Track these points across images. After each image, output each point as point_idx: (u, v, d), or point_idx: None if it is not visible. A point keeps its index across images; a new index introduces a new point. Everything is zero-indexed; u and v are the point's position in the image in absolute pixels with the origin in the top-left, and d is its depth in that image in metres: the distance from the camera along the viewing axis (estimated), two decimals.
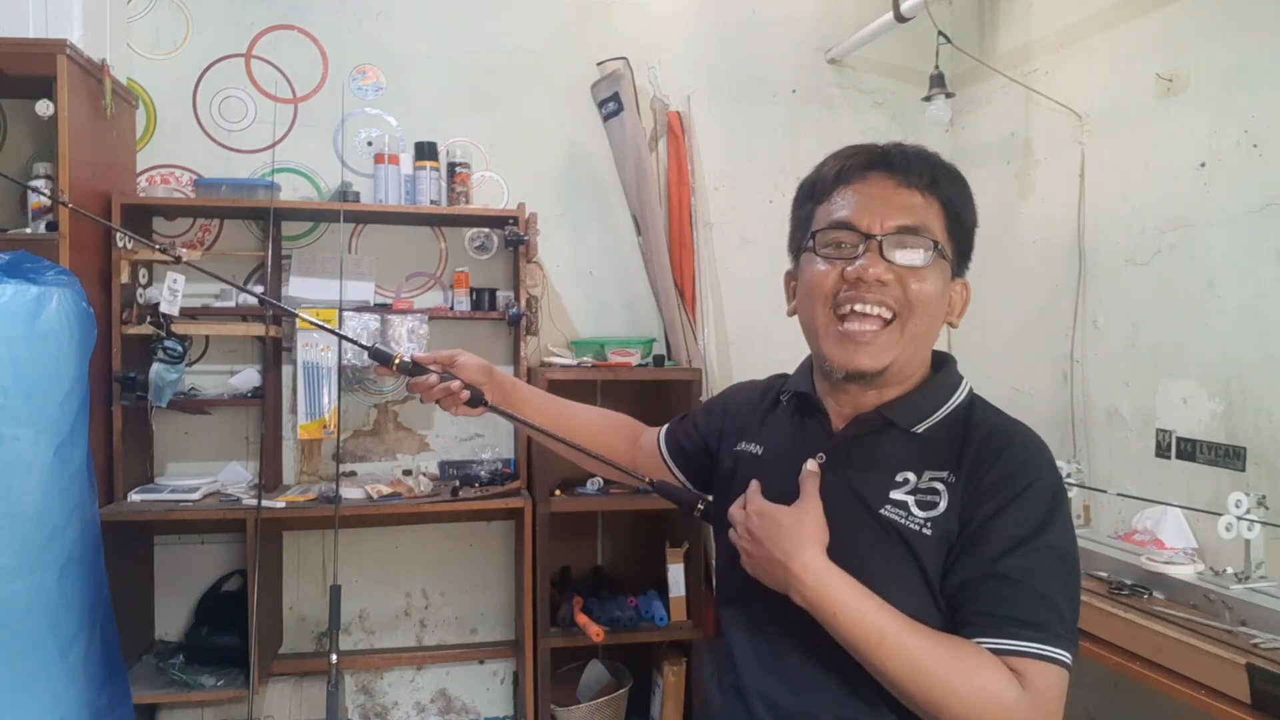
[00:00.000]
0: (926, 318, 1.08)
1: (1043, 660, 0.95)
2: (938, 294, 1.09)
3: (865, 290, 1.06)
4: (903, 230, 1.07)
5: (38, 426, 2.02)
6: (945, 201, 1.11)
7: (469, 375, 1.34)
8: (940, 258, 1.08)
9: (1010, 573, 0.98)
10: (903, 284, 1.06)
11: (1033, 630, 0.96)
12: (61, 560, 2.07)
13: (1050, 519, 1.01)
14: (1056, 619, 0.97)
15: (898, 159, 1.11)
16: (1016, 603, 0.97)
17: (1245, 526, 1.88)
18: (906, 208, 1.08)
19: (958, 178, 1.14)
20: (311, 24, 3.03)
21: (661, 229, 3.15)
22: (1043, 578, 0.98)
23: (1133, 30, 2.53)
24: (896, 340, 1.07)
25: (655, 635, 2.93)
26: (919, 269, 1.07)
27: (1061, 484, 1.06)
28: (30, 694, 2.00)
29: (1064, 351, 2.76)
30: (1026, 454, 1.05)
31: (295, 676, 2.97)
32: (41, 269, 2.11)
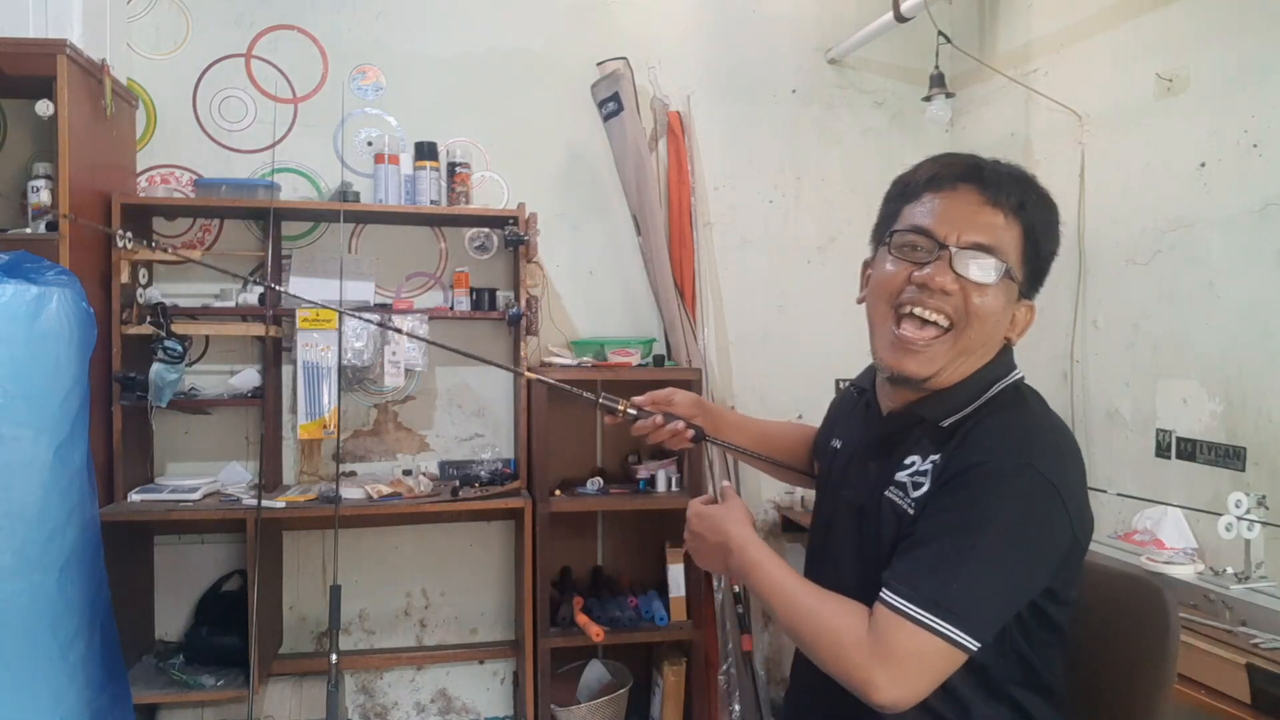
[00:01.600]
0: (983, 332, 1.13)
1: (899, 614, 1.01)
2: (998, 311, 1.13)
3: (928, 296, 1.12)
4: (977, 247, 1.11)
5: (38, 427, 2.02)
6: (1027, 226, 1.14)
7: (685, 411, 1.48)
8: (1008, 279, 1.12)
9: (917, 538, 1.06)
10: (965, 296, 1.11)
11: (905, 588, 1.02)
12: (61, 560, 2.07)
13: (981, 499, 1.04)
14: (937, 588, 1.01)
15: (990, 176, 1.15)
16: (905, 563, 1.05)
17: (1245, 526, 1.88)
18: (987, 226, 1.12)
19: (1048, 204, 1.18)
20: (311, 24, 3.03)
21: (661, 229, 3.15)
22: (941, 548, 1.03)
23: (1133, 30, 2.53)
24: (948, 350, 1.13)
25: (655, 635, 2.93)
26: (983, 285, 1.11)
27: (1021, 473, 1.04)
28: (30, 694, 2.00)
29: (1064, 351, 2.76)
30: (993, 439, 1.08)
31: (295, 676, 2.97)
32: (41, 269, 2.11)
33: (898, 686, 1.00)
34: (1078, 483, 1.10)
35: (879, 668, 1.00)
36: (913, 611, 1.00)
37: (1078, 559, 1.13)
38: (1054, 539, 1.06)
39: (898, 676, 1.00)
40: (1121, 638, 1.25)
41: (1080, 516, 1.09)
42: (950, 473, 1.08)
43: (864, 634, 1.03)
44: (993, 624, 1.04)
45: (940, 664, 1.01)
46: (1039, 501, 1.04)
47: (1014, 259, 1.13)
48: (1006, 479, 1.05)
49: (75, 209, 2.43)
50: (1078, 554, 1.12)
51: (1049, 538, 1.06)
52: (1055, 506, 1.05)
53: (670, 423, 1.44)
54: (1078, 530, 1.09)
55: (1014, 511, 1.04)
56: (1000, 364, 1.18)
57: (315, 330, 2.79)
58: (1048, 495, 1.05)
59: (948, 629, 1.00)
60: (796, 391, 3.32)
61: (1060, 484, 1.06)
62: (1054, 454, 1.08)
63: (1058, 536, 1.07)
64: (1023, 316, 1.19)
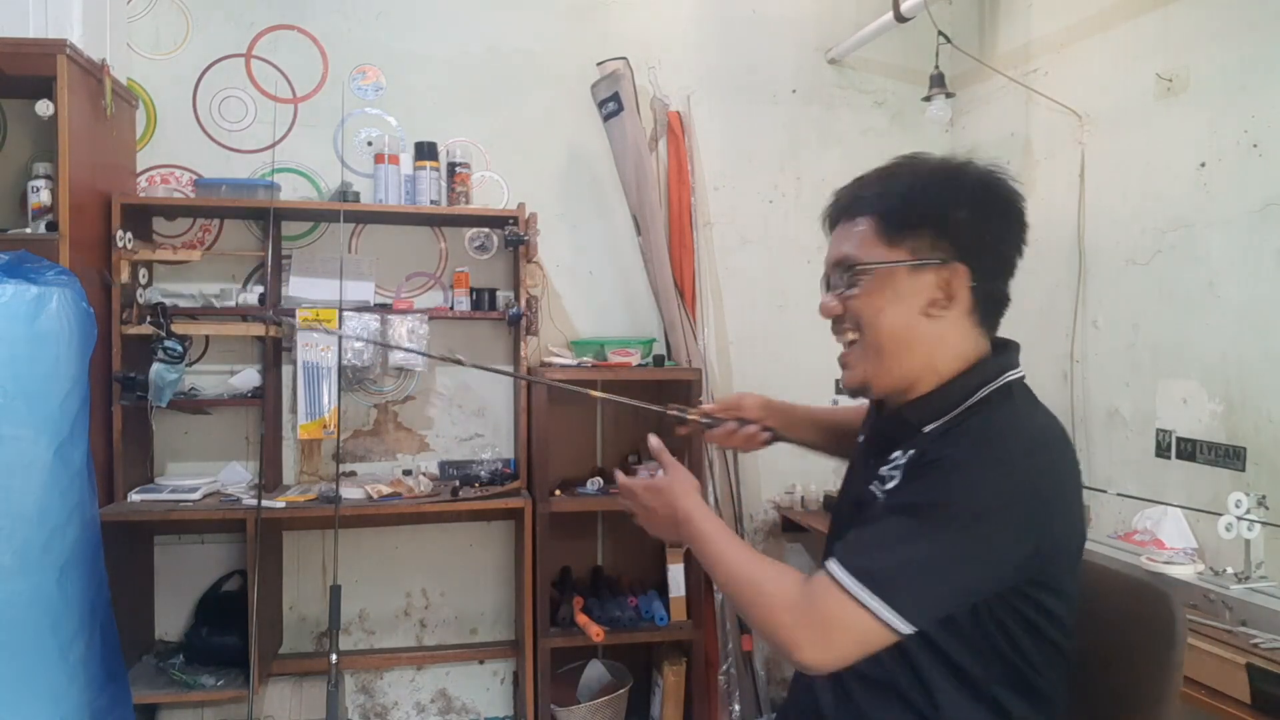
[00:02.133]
0: (880, 332, 1.16)
1: (832, 581, 1.04)
2: (879, 304, 1.16)
3: (832, 323, 1.23)
4: (837, 264, 1.20)
5: (38, 426, 2.02)
6: (873, 214, 1.17)
7: (755, 415, 1.54)
8: (867, 273, 1.16)
9: (870, 515, 1.11)
10: (846, 308, 1.19)
11: (844, 558, 1.05)
12: (61, 560, 2.07)
13: (938, 486, 1.05)
14: (872, 562, 1.04)
15: (842, 203, 1.23)
16: (852, 536, 1.09)
17: (1245, 526, 1.88)
18: (842, 241, 1.21)
19: (886, 176, 1.20)
20: (311, 24, 3.03)
21: (661, 229, 3.15)
22: (886, 528, 1.06)
23: (1133, 30, 2.53)
24: (863, 357, 1.18)
25: (655, 635, 2.93)
26: (854, 293, 1.17)
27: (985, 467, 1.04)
28: (30, 694, 2.00)
29: (1064, 351, 2.76)
30: (968, 436, 1.10)
31: (295, 676, 2.97)
32: (41, 269, 2.11)
33: (819, 650, 1.04)
34: (1056, 484, 1.08)
35: (804, 629, 1.04)
36: (845, 580, 1.03)
37: (1062, 562, 1.10)
38: (1012, 538, 1.04)
39: (820, 640, 1.04)
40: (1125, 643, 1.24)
41: (1054, 519, 1.06)
42: (920, 464, 1.11)
43: (797, 597, 1.06)
44: (927, 609, 1.03)
45: (864, 636, 1.03)
46: (997, 498, 1.03)
47: (875, 250, 1.16)
48: (968, 471, 1.05)
49: (75, 209, 2.43)
50: (1061, 557, 1.09)
51: (1004, 536, 1.03)
52: (1015, 505, 1.03)
53: (744, 427, 1.51)
54: (1052, 533, 1.06)
55: (968, 503, 1.03)
56: (988, 366, 1.16)
57: (315, 330, 2.79)
58: (1008, 493, 1.03)
59: (876, 603, 1.01)
60: (797, 391, 3.30)
61: (1027, 483, 1.04)
62: (1024, 453, 1.07)
63: (1019, 536, 1.04)
64: (955, 280, 1.14)
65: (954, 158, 1.19)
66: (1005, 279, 1.19)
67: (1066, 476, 1.10)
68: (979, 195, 1.15)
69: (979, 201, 1.15)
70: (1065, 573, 1.11)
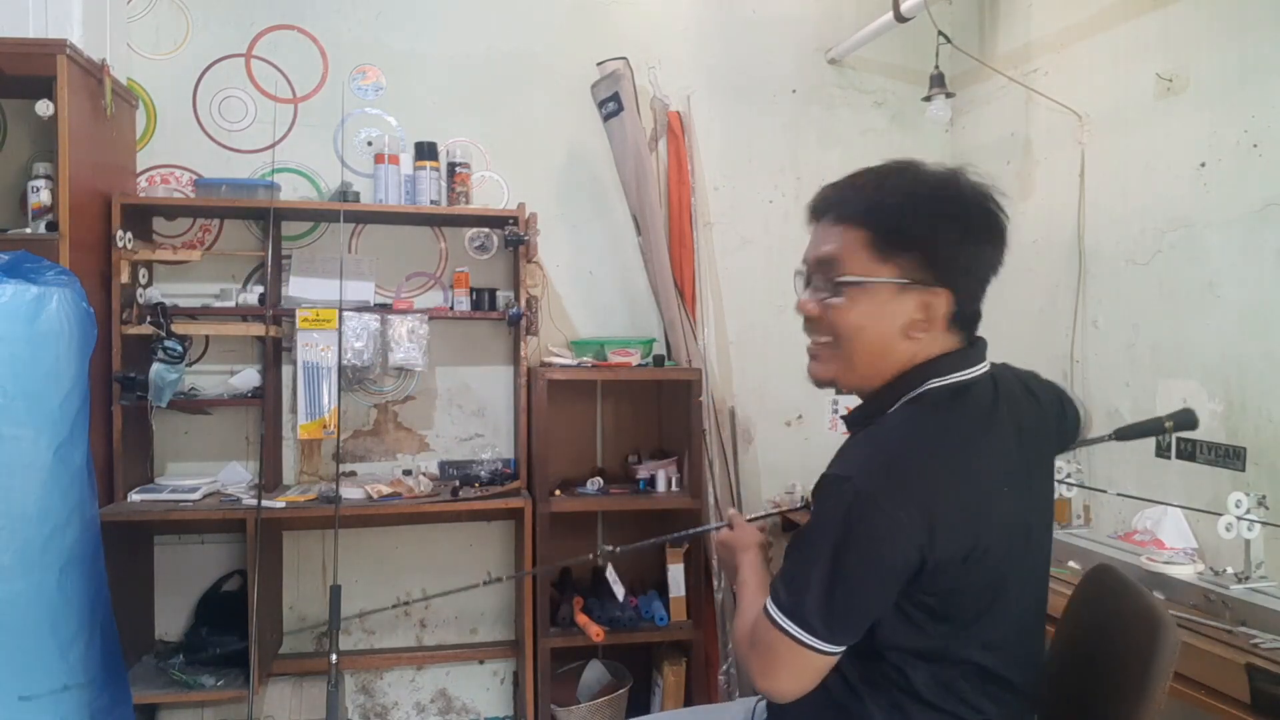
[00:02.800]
0: (857, 342, 1.17)
1: (764, 614, 1.13)
2: (860, 319, 1.16)
3: (805, 322, 1.24)
4: (819, 264, 1.20)
5: (38, 426, 2.02)
6: (871, 225, 1.15)
7: None
8: (854, 285, 1.15)
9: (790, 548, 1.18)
10: (826, 315, 1.19)
11: (772, 591, 1.14)
12: (61, 560, 2.07)
13: (817, 511, 1.13)
14: (786, 593, 1.11)
15: (831, 198, 1.22)
16: (783, 567, 1.17)
17: (1245, 526, 1.88)
18: (823, 240, 1.21)
19: (893, 194, 1.16)
20: (311, 24, 3.03)
21: (661, 229, 3.15)
22: (792, 557, 1.15)
23: (1133, 30, 2.53)
24: (834, 357, 1.21)
25: (655, 635, 2.93)
26: (837, 300, 1.17)
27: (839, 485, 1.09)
28: (30, 694, 2.00)
29: (1064, 351, 2.76)
30: (844, 452, 1.18)
31: (295, 676, 2.96)
32: (41, 269, 2.11)
33: (767, 679, 1.13)
34: (922, 493, 1.06)
35: (753, 659, 1.15)
36: (773, 613, 1.11)
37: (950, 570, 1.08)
38: (885, 551, 1.05)
39: (764, 669, 1.13)
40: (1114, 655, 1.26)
41: (926, 527, 1.05)
42: (820, 482, 1.15)
43: (749, 631, 1.17)
44: (839, 627, 1.09)
45: (795, 661, 1.10)
46: (855, 513, 1.05)
47: (863, 263, 1.15)
48: (830, 491, 1.10)
49: (75, 209, 2.43)
50: (948, 565, 1.07)
51: (878, 550, 1.05)
52: (876, 519, 1.04)
53: None
54: (923, 541, 1.05)
55: (832, 525, 1.08)
56: (919, 374, 1.17)
57: (315, 330, 2.80)
58: (865, 509, 1.05)
59: (794, 629, 1.09)
60: (796, 391, 3.32)
61: (879, 495, 1.05)
62: (883, 465, 1.09)
63: (893, 549, 1.05)
64: (936, 305, 1.15)
65: (947, 173, 1.18)
66: (981, 298, 1.22)
67: (933, 485, 1.08)
68: (969, 218, 1.16)
69: (969, 225, 1.16)
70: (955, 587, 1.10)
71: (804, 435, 3.36)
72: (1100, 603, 1.38)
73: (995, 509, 1.11)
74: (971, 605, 1.12)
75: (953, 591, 1.10)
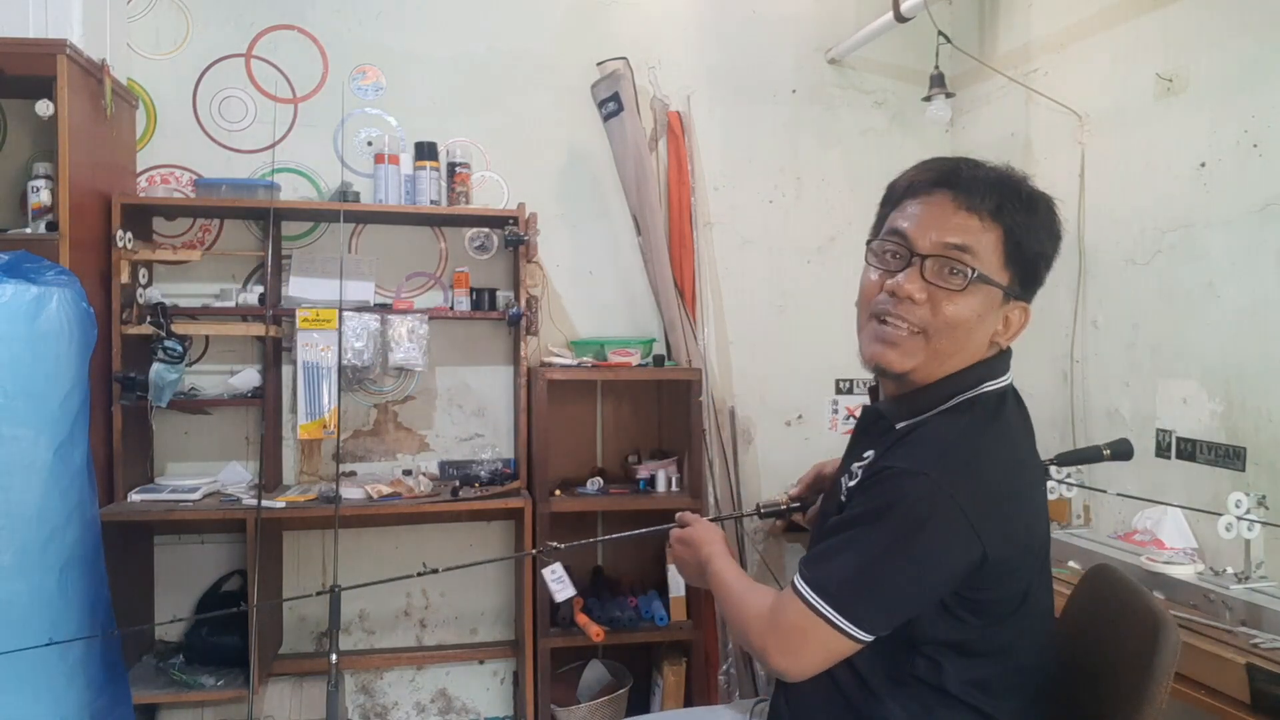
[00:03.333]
0: (954, 340, 1.15)
1: (795, 593, 1.11)
2: (970, 318, 1.14)
3: (898, 304, 1.15)
4: (949, 249, 1.13)
5: (38, 426, 2.02)
6: (1007, 228, 1.14)
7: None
8: (984, 283, 1.13)
9: (829, 527, 1.17)
10: (934, 304, 1.14)
11: (805, 571, 1.13)
12: (61, 560, 2.07)
13: (878, 498, 1.10)
14: (827, 574, 1.10)
15: (966, 180, 1.15)
16: (814, 548, 1.17)
17: (1245, 526, 1.88)
18: (959, 229, 1.14)
19: (1032, 205, 1.17)
20: (311, 24, 3.03)
21: (661, 229, 3.15)
22: (838, 539, 1.12)
23: (1133, 30, 2.53)
24: (922, 349, 1.16)
25: (655, 635, 2.93)
26: (953, 292, 1.13)
27: (915, 479, 1.07)
28: (30, 694, 2.00)
29: (1064, 351, 2.76)
30: (913, 446, 1.14)
31: (295, 676, 2.96)
32: (41, 269, 2.11)
33: (785, 656, 1.13)
34: (992, 495, 1.09)
35: (772, 638, 1.14)
36: (805, 592, 1.10)
37: (1000, 571, 1.10)
38: (947, 547, 1.07)
39: (785, 647, 1.12)
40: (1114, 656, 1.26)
41: (992, 529, 1.07)
42: (873, 471, 1.15)
43: (767, 610, 1.16)
44: (880, 617, 1.09)
45: (825, 644, 1.10)
46: (927, 508, 1.06)
47: (992, 263, 1.14)
48: (901, 483, 1.08)
49: (75, 209, 2.43)
50: (1000, 566, 1.09)
51: (939, 544, 1.06)
52: (947, 515, 1.06)
53: None
54: (988, 543, 1.07)
55: (900, 514, 1.07)
56: (973, 373, 1.18)
57: (315, 330, 2.79)
58: (938, 503, 1.06)
59: (830, 613, 1.08)
60: (796, 391, 3.32)
61: (958, 494, 1.06)
62: (961, 464, 1.09)
63: (953, 545, 1.07)
64: (1016, 319, 1.20)
65: (1049, 197, 1.21)
66: None
67: (1001, 490, 1.11)
68: (1059, 247, 1.21)
69: (1056, 251, 1.21)
70: (1008, 583, 1.12)
71: (804, 435, 3.36)
72: (1100, 603, 1.38)
73: (1042, 507, 1.18)
74: (1009, 601, 1.14)
75: (998, 588, 1.12)
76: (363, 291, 2.96)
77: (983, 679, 1.14)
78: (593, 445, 3.22)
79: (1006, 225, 1.14)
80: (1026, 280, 1.18)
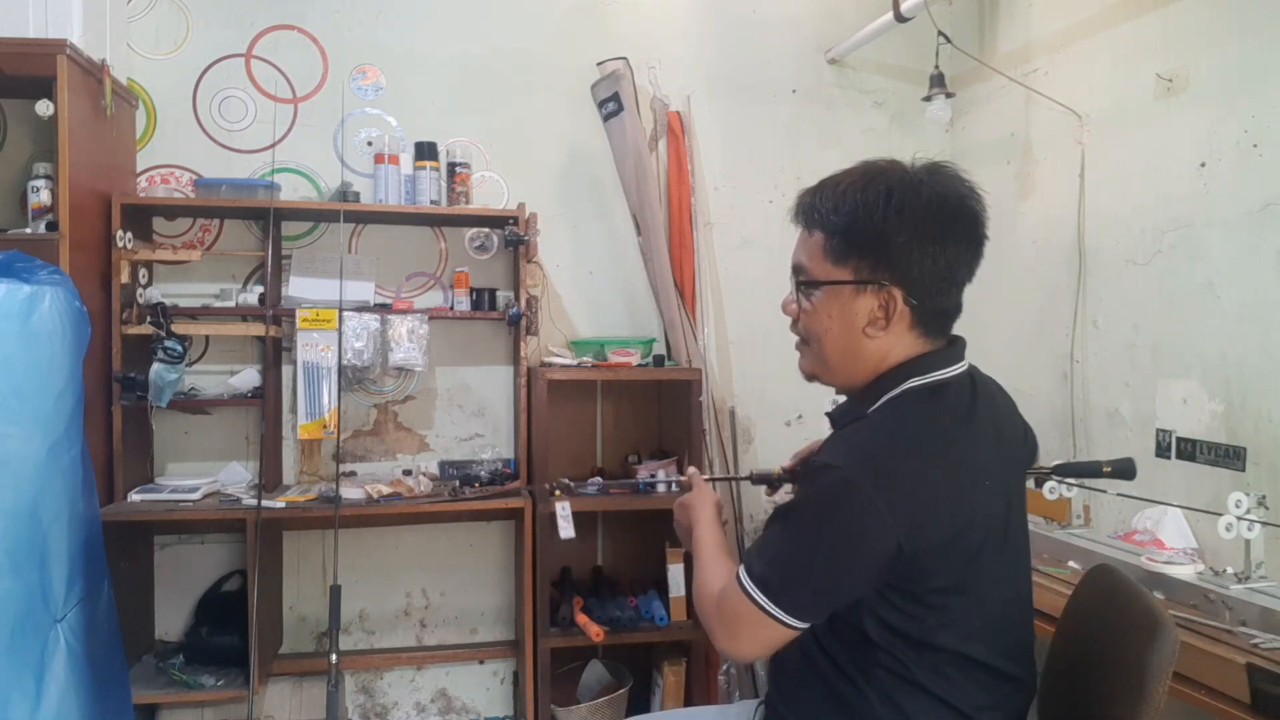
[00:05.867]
0: (826, 342, 1.26)
1: (736, 582, 1.18)
2: (824, 320, 1.25)
3: (791, 323, 1.33)
4: (793, 268, 1.30)
5: (31, 425, 2.01)
6: (825, 231, 1.23)
7: None
8: (812, 288, 1.25)
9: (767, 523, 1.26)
10: (803, 317, 1.29)
11: (746, 561, 1.20)
12: (56, 559, 2.06)
13: (802, 493, 1.24)
14: (762, 566, 1.17)
15: (802, 206, 1.29)
16: (756, 542, 1.25)
17: (1245, 526, 1.88)
18: (797, 249, 1.30)
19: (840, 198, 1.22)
20: (311, 24, 3.03)
21: (661, 229, 3.15)
22: (771, 532, 1.21)
23: (1133, 30, 2.53)
24: (812, 355, 1.30)
25: (655, 635, 2.93)
26: (806, 307, 1.27)
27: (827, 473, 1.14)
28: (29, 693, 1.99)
29: (1064, 351, 2.76)
30: (833, 443, 1.26)
31: (295, 676, 2.96)
32: (34, 268, 2.11)
33: (730, 642, 1.21)
34: (901, 488, 1.11)
35: (717, 621, 1.22)
36: (745, 581, 1.17)
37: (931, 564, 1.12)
38: (859, 535, 1.10)
39: (729, 634, 1.20)
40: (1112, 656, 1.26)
41: (904, 519, 1.09)
42: (808, 469, 1.25)
43: (717, 593, 1.23)
44: (809, 605, 1.15)
45: (762, 631, 1.16)
46: (838, 500, 1.11)
47: (821, 266, 1.24)
48: (819, 476, 1.15)
49: (75, 209, 2.43)
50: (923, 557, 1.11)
51: (850, 532, 1.11)
52: (854, 504, 1.09)
53: None
54: (901, 533, 1.09)
55: (814, 505, 1.16)
56: (900, 372, 1.22)
57: (315, 330, 2.80)
58: (848, 495, 1.10)
59: (765, 602, 1.14)
60: (796, 391, 3.31)
61: (866, 485, 1.09)
62: (868, 458, 1.13)
63: (865, 533, 1.10)
64: (886, 300, 1.21)
65: (912, 174, 1.22)
66: (952, 293, 1.24)
67: (914, 482, 1.12)
68: (924, 219, 1.18)
69: (923, 226, 1.18)
70: (935, 574, 1.14)
71: (804, 435, 3.35)
72: (1100, 603, 1.38)
73: (974, 500, 1.16)
74: (951, 593, 1.15)
75: (932, 579, 1.14)
76: (363, 291, 2.96)
77: (941, 669, 1.17)
78: (593, 445, 3.22)
79: (823, 227, 1.23)
80: (880, 259, 1.20)
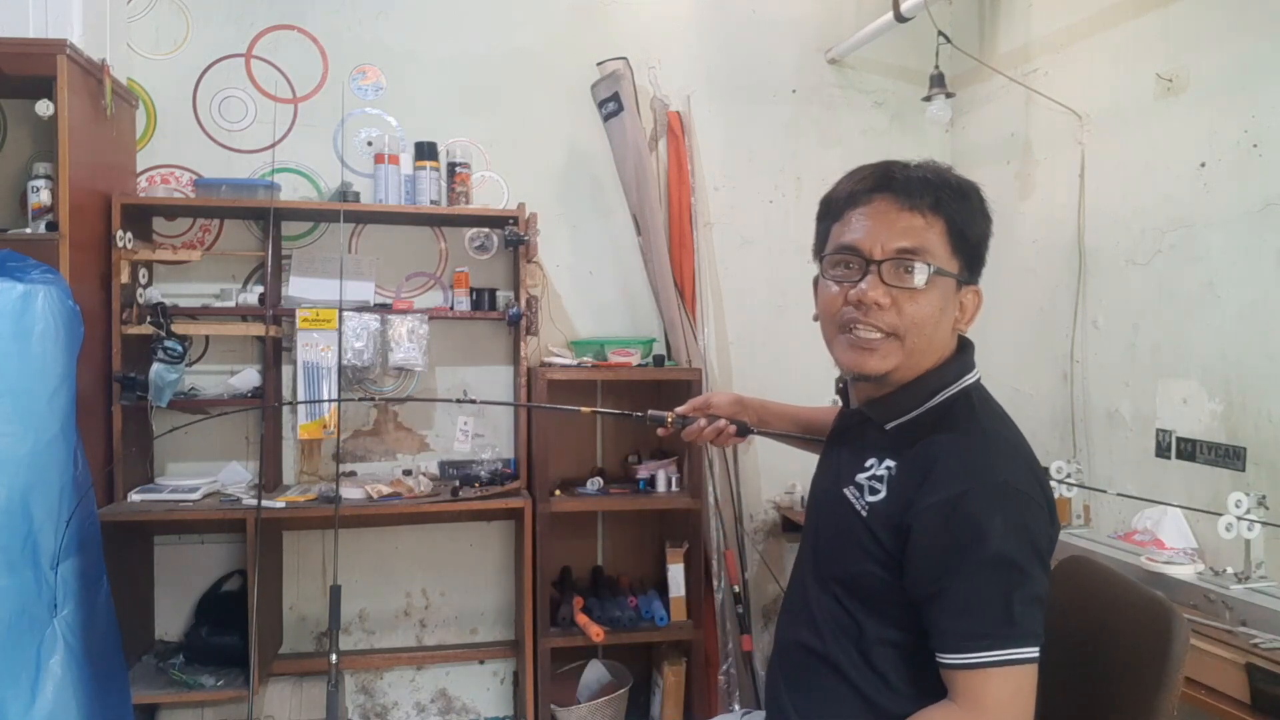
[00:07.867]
0: (924, 335, 1.17)
1: (982, 669, 1.04)
2: (934, 312, 1.17)
3: (865, 313, 1.17)
4: (901, 253, 1.16)
5: (24, 423, 2.01)
6: (948, 219, 1.18)
7: (726, 411, 1.55)
8: (940, 276, 1.16)
9: (946, 590, 1.07)
10: (898, 306, 1.16)
11: (970, 641, 1.05)
12: (51, 558, 2.06)
13: (982, 527, 1.06)
14: (994, 623, 1.04)
15: (900, 182, 1.18)
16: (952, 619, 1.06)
17: (1245, 526, 1.88)
18: (907, 230, 1.16)
19: (964, 192, 1.20)
20: (311, 24, 3.03)
21: (661, 229, 3.15)
22: (975, 588, 1.06)
23: (1133, 30, 2.53)
24: (897, 350, 1.18)
25: (655, 635, 2.93)
26: (915, 291, 1.16)
27: (1003, 491, 1.08)
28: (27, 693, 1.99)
29: (1064, 351, 2.76)
30: (963, 464, 1.11)
31: (295, 676, 2.96)
32: (26, 267, 2.11)
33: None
34: (1040, 476, 1.16)
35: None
36: (992, 657, 1.04)
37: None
38: (1047, 534, 1.13)
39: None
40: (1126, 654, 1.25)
41: (1052, 505, 1.15)
42: (932, 507, 1.09)
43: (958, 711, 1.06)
44: (1041, 625, 1.08)
45: (1031, 686, 1.06)
46: (1025, 510, 1.09)
47: (942, 255, 1.17)
48: (993, 500, 1.08)
49: (75, 209, 2.43)
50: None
51: (1044, 535, 1.11)
52: (1035, 507, 1.11)
53: (714, 423, 1.52)
54: (1054, 518, 1.14)
55: (1012, 526, 1.07)
56: (950, 369, 1.21)
57: (315, 330, 2.80)
58: (1027, 501, 1.10)
59: (1021, 652, 1.04)
60: (796, 391, 3.30)
61: (1030, 488, 1.11)
62: (1017, 461, 1.14)
63: (1048, 531, 1.13)
64: (970, 303, 1.23)
65: (971, 180, 1.24)
66: None
67: (1039, 466, 1.18)
68: (991, 225, 1.24)
69: (991, 233, 1.24)
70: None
71: None
72: (1086, 599, 1.37)
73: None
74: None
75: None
76: (363, 291, 2.96)
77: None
78: (593, 445, 3.22)
79: (947, 216, 1.18)
80: (973, 264, 1.22)
